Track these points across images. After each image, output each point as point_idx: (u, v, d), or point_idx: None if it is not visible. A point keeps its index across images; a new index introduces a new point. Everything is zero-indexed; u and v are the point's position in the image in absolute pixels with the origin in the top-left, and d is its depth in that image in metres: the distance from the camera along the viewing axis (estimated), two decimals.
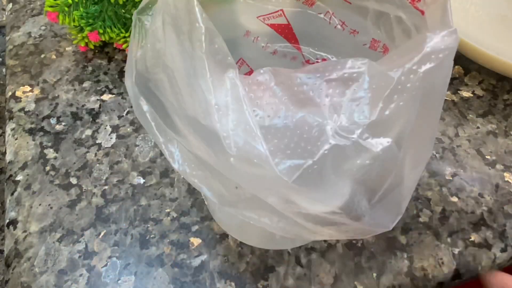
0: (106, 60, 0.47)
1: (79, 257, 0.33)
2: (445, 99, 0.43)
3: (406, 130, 0.19)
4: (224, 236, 0.34)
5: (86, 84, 0.44)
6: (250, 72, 0.32)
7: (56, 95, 0.43)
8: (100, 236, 0.34)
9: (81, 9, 0.43)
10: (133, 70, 0.23)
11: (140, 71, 0.23)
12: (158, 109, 0.22)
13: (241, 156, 0.18)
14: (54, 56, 0.47)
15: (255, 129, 0.18)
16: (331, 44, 0.32)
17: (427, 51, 0.19)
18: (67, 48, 0.48)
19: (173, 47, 0.21)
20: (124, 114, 0.42)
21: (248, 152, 0.18)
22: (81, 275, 0.32)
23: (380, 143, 0.18)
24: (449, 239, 0.34)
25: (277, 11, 0.31)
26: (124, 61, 0.47)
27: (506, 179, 0.37)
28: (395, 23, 0.26)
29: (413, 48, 0.19)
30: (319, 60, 0.33)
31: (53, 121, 0.41)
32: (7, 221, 0.35)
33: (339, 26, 0.30)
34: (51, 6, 0.42)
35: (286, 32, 0.32)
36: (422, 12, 0.24)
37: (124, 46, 0.44)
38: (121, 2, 0.41)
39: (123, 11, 0.43)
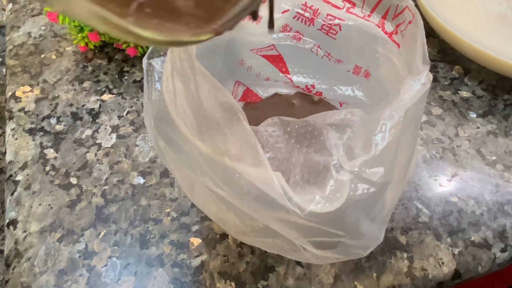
0: (106, 60, 0.47)
1: (79, 257, 0.33)
2: (445, 99, 0.43)
3: (393, 157, 0.22)
4: (224, 236, 0.34)
5: (86, 84, 0.44)
6: (246, 90, 0.34)
7: (56, 95, 0.43)
8: (100, 236, 0.34)
9: None
10: (151, 113, 0.25)
11: (158, 114, 0.25)
12: (176, 148, 0.24)
13: (255, 193, 0.20)
14: (54, 56, 0.47)
15: (268, 168, 0.20)
16: (318, 71, 0.35)
17: (405, 96, 0.22)
18: (67, 48, 0.48)
19: (183, 98, 0.23)
20: (124, 114, 0.42)
21: (263, 189, 0.20)
22: (81, 275, 0.32)
23: (376, 173, 0.21)
24: (449, 239, 0.34)
25: (269, 45, 0.34)
26: (124, 61, 0.47)
27: (506, 179, 0.37)
28: (376, 53, 0.30)
29: (393, 96, 0.22)
30: (308, 86, 0.36)
31: (53, 121, 0.41)
32: (7, 221, 0.35)
33: (325, 57, 0.33)
34: None
35: (277, 61, 0.35)
36: (398, 45, 0.27)
37: (124, 46, 0.44)
38: None
39: None
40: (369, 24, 0.28)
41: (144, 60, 0.28)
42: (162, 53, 0.28)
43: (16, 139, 0.40)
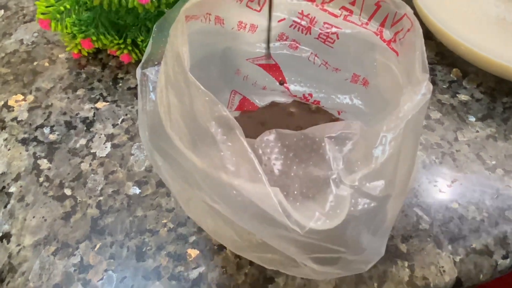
0: (100, 67, 0.46)
1: (74, 270, 0.32)
2: (444, 103, 0.43)
3: (393, 169, 0.22)
4: (222, 247, 0.33)
5: (80, 92, 0.44)
6: (243, 99, 0.33)
7: (50, 103, 0.43)
8: (96, 249, 0.33)
9: (74, 16, 0.42)
10: (146, 124, 0.25)
11: (152, 127, 0.24)
12: (171, 162, 0.23)
13: (253, 210, 0.20)
14: (47, 64, 0.46)
15: (266, 184, 0.19)
16: (316, 80, 0.34)
17: (405, 108, 0.22)
18: (60, 55, 0.47)
19: (177, 113, 0.22)
20: (119, 123, 0.41)
21: (261, 206, 0.19)
22: None
23: (377, 187, 0.20)
24: (450, 247, 0.33)
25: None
26: (118, 67, 0.46)
27: (506, 184, 0.37)
28: (375, 62, 0.29)
29: (393, 107, 0.22)
30: (305, 94, 0.35)
31: (46, 130, 0.41)
32: (0, 234, 0.34)
33: (322, 65, 0.33)
34: (43, 14, 0.42)
35: (274, 70, 0.34)
36: (397, 53, 0.27)
37: (117, 52, 0.44)
38: (114, 9, 0.41)
39: (117, 17, 0.42)
40: (367, 32, 0.27)
41: (138, 70, 0.27)
42: (156, 63, 0.28)
43: (9, 149, 0.39)
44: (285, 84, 0.34)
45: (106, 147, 0.39)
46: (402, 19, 0.25)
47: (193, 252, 0.33)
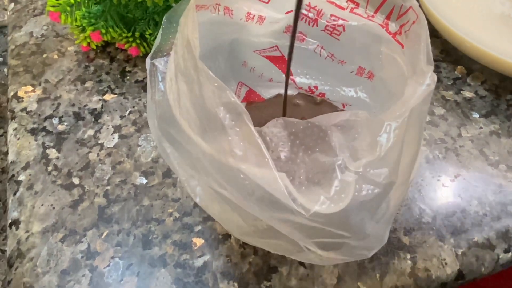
0: (108, 60, 0.47)
1: (82, 257, 0.33)
2: (448, 99, 0.43)
3: (397, 157, 0.22)
4: (226, 236, 0.34)
5: (88, 84, 0.44)
6: (249, 91, 0.34)
7: (58, 95, 0.43)
8: (103, 236, 0.34)
9: (83, 9, 0.43)
10: (155, 113, 0.25)
11: (161, 115, 0.25)
12: (179, 149, 0.24)
13: (260, 194, 0.20)
14: (56, 56, 0.47)
15: (273, 168, 0.20)
16: (321, 72, 0.35)
17: (410, 97, 0.22)
18: (69, 48, 0.48)
19: (186, 99, 0.23)
20: (126, 114, 0.42)
21: (267, 189, 0.20)
22: (83, 275, 0.32)
23: (381, 174, 0.21)
24: (452, 240, 0.34)
25: (273, 47, 0.33)
26: (126, 61, 0.47)
27: (509, 180, 0.37)
28: (380, 54, 0.30)
29: (398, 97, 0.22)
30: (311, 87, 0.35)
31: (55, 121, 0.41)
32: (10, 221, 0.35)
33: (328, 58, 0.33)
34: (53, 6, 0.42)
35: (280, 62, 0.34)
36: (402, 46, 0.27)
37: (126, 46, 0.44)
38: (123, 2, 0.41)
39: (126, 11, 0.43)
40: (373, 25, 0.28)
41: (147, 60, 0.27)
42: (165, 54, 0.28)
43: (18, 139, 0.40)
44: (291, 76, 0.34)
45: (113, 138, 0.40)
46: (408, 12, 0.25)
47: (198, 241, 0.33)
